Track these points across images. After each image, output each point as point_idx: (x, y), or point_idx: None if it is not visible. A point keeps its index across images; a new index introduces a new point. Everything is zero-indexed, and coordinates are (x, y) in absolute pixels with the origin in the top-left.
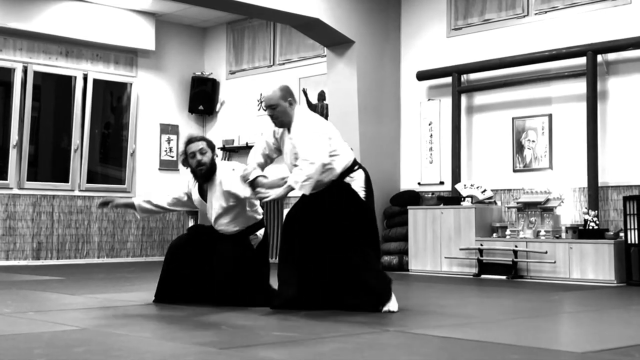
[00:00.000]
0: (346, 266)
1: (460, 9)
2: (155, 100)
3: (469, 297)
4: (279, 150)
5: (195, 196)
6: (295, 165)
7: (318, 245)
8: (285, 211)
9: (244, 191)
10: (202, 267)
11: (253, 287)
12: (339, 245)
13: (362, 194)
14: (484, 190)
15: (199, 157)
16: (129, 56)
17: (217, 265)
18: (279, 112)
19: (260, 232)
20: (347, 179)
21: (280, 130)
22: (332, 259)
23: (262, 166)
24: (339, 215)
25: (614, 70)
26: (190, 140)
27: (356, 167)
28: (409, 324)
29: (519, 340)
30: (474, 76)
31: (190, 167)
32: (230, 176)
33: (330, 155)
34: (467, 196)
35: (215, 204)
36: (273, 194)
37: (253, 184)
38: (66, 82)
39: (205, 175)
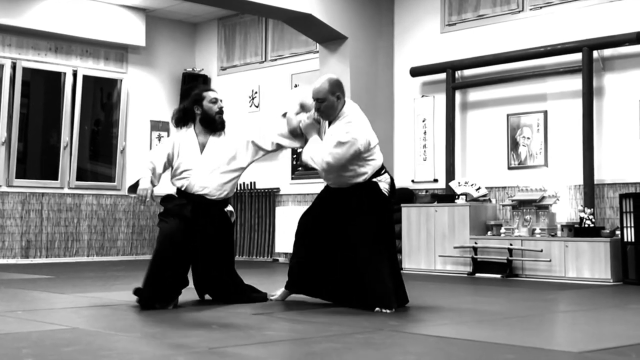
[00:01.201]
0: (357, 260)
1: (454, 5)
2: (146, 97)
3: (464, 296)
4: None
5: (190, 150)
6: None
7: (336, 236)
8: (278, 209)
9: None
10: (195, 265)
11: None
12: (357, 238)
13: (386, 194)
14: (479, 188)
15: (220, 103)
16: (119, 52)
17: (208, 264)
18: (326, 106)
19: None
20: (375, 179)
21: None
22: (347, 250)
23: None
24: (363, 208)
25: (610, 66)
26: (209, 88)
27: (383, 171)
28: (403, 323)
29: (514, 340)
30: (468, 72)
31: (205, 112)
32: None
33: (367, 160)
34: (462, 194)
35: (215, 159)
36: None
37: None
38: (55, 79)
39: (223, 123)
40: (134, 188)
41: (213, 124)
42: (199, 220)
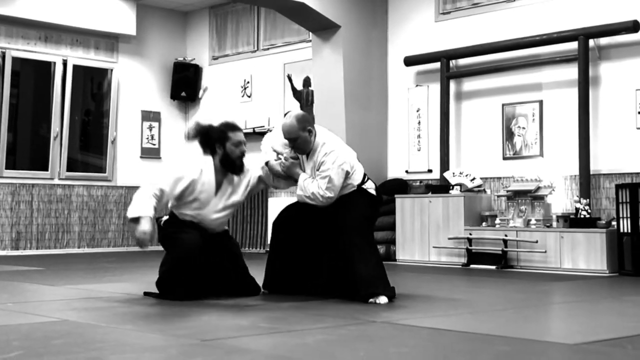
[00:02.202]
0: (344, 250)
1: None
2: (137, 87)
3: (458, 287)
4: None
5: (206, 188)
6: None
7: (323, 227)
8: (271, 199)
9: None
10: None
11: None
12: (349, 226)
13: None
14: (473, 179)
15: (243, 147)
16: (109, 41)
17: (228, 262)
18: (299, 143)
19: None
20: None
21: None
22: (337, 239)
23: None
24: (353, 201)
25: (606, 55)
26: (235, 127)
27: (366, 179)
28: (397, 315)
29: (509, 332)
30: (463, 61)
31: (226, 155)
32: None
33: (351, 175)
34: (456, 184)
35: (230, 197)
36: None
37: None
38: (45, 68)
39: (242, 167)
40: (134, 220)
41: (232, 167)
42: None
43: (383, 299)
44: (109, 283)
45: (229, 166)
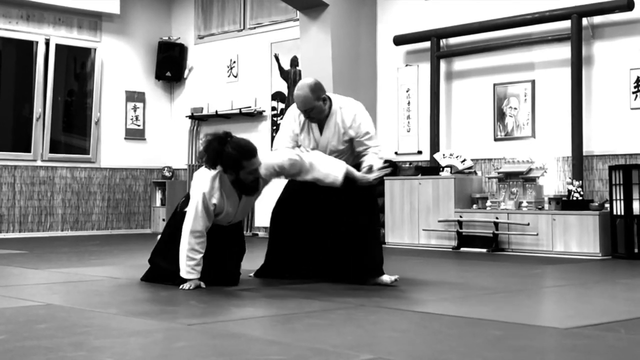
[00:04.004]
0: (353, 231)
1: None
2: (121, 67)
3: (448, 271)
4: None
5: (230, 205)
6: (336, 151)
7: (327, 207)
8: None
9: None
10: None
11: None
12: (356, 206)
13: None
14: (464, 160)
15: (257, 172)
16: (92, 20)
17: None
18: (315, 112)
19: None
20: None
21: (303, 118)
22: (339, 223)
23: None
24: (364, 189)
25: (600, 34)
26: (251, 154)
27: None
28: (386, 299)
29: (501, 316)
30: (453, 40)
31: (239, 179)
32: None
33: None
34: (446, 166)
35: (249, 200)
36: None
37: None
38: (27, 48)
39: (257, 187)
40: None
41: (245, 190)
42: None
43: (388, 278)
44: (93, 266)
45: (242, 189)
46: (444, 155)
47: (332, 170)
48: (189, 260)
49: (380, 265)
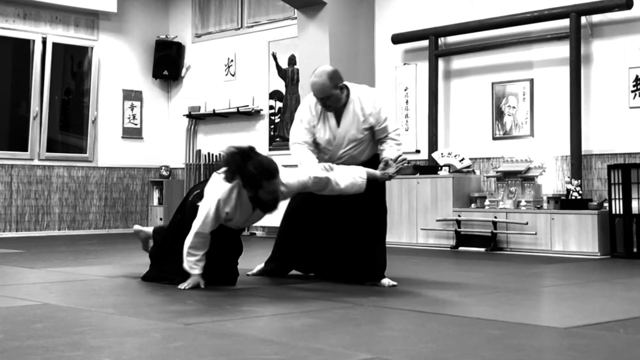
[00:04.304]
0: (361, 233)
1: None
2: (118, 65)
3: (447, 270)
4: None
5: (244, 211)
6: (355, 139)
7: (337, 208)
8: None
9: None
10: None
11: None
12: (368, 209)
13: None
14: (462, 159)
15: (279, 193)
16: (89, 19)
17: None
18: (332, 101)
19: None
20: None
21: (320, 108)
22: (349, 223)
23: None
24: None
25: (599, 33)
26: (272, 175)
27: None
28: (383, 298)
29: (499, 315)
30: (451, 39)
31: (258, 197)
32: None
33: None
34: (445, 165)
35: (253, 221)
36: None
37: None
38: (24, 46)
39: (275, 205)
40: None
41: (263, 207)
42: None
43: (387, 282)
44: (90, 266)
45: (260, 206)
46: (442, 154)
47: (354, 179)
48: (189, 256)
49: (383, 271)
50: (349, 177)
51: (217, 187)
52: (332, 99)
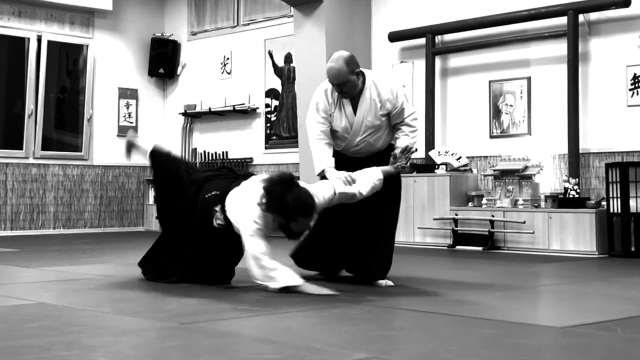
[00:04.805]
0: (380, 228)
1: None
2: (113, 63)
3: (444, 269)
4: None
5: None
6: (372, 126)
7: (349, 210)
8: None
9: None
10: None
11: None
12: (384, 206)
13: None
14: (459, 157)
15: (307, 229)
16: (85, 16)
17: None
18: (348, 87)
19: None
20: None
21: (336, 95)
22: (369, 218)
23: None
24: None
25: (596, 31)
26: (309, 212)
27: None
28: (380, 297)
29: (496, 315)
30: (448, 37)
31: (288, 228)
32: None
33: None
34: (442, 163)
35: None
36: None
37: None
38: (19, 44)
39: (296, 237)
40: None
41: (290, 236)
42: None
43: (384, 282)
44: (85, 265)
45: (286, 234)
46: (439, 152)
47: (374, 183)
48: (272, 281)
49: (385, 272)
50: (370, 183)
51: (251, 208)
52: (349, 85)
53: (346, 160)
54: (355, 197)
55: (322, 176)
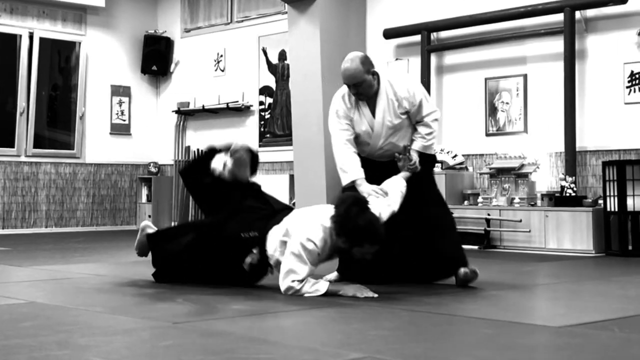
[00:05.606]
0: (437, 224)
1: None
2: (106, 61)
3: None
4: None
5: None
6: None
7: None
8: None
9: None
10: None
11: None
12: (430, 203)
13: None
14: (455, 156)
15: (366, 257)
16: (77, 13)
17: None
18: (364, 88)
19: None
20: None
21: (353, 99)
22: (419, 218)
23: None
24: (426, 175)
25: (593, 28)
26: (377, 240)
27: None
28: (375, 296)
29: (492, 314)
30: (444, 34)
31: (349, 252)
32: None
33: None
34: (437, 162)
35: None
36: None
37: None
38: (11, 41)
39: (346, 265)
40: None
41: (339, 254)
42: None
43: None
44: (77, 264)
45: (342, 257)
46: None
47: (402, 192)
48: (309, 293)
49: (456, 264)
50: (399, 194)
51: (316, 227)
52: (365, 85)
53: (373, 165)
54: (393, 213)
55: (350, 187)
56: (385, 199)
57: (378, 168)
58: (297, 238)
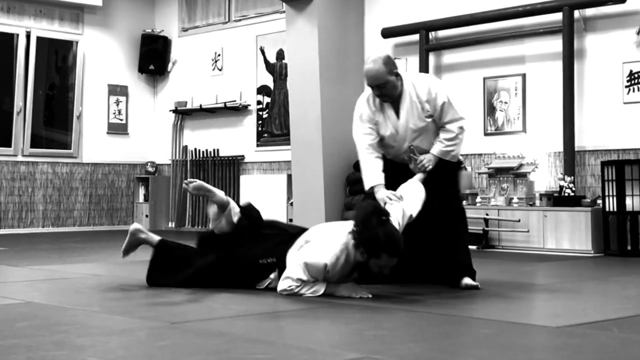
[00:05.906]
0: (449, 229)
1: None
2: (103, 60)
3: None
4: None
5: (331, 277)
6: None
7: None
8: (243, 177)
9: None
10: None
11: None
12: (446, 209)
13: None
14: None
15: (384, 271)
16: (74, 12)
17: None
18: (388, 89)
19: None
20: None
21: (378, 102)
22: (436, 221)
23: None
24: (447, 179)
25: (592, 27)
26: (396, 252)
27: None
28: (373, 297)
29: (490, 314)
30: (442, 33)
31: (367, 264)
32: None
33: None
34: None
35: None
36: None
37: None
38: (8, 40)
39: (365, 281)
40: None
41: (361, 273)
42: None
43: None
44: (74, 264)
45: (360, 272)
46: None
47: (420, 197)
48: (311, 293)
49: (470, 268)
50: (419, 200)
51: (335, 245)
52: (388, 86)
53: (399, 167)
54: (411, 219)
55: (371, 194)
56: (401, 203)
57: (404, 170)
58: (306, 251)
